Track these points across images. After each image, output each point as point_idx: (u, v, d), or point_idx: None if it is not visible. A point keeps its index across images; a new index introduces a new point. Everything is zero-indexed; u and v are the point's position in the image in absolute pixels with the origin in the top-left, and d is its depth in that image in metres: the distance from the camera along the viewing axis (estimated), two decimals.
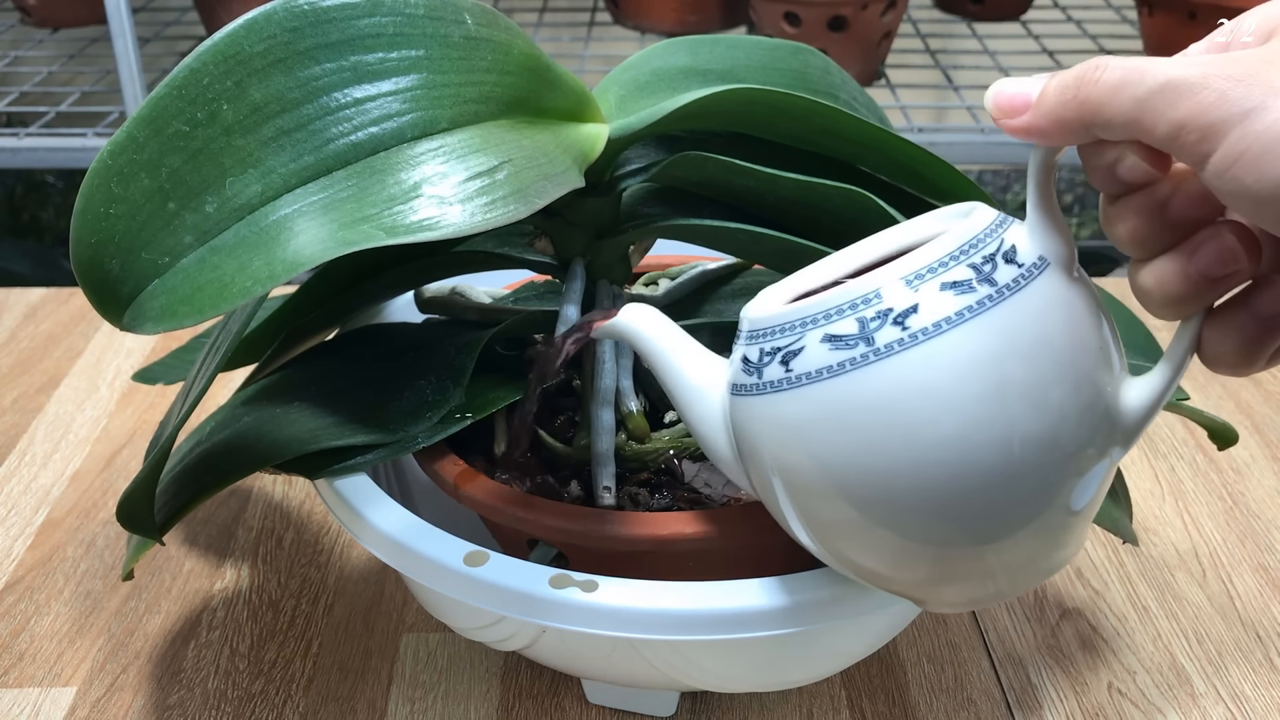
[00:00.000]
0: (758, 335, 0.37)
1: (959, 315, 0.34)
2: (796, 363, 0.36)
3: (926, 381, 0.34)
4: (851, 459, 0.35)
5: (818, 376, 0.35)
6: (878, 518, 0.36)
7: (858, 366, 0.34)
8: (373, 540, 0.44)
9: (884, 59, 1.24)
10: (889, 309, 0.34)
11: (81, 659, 0.55)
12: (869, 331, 0.34)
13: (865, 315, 0.35)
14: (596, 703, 0.52)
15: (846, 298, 0.35)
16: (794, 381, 0.36)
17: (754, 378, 0.37)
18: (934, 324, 0.34)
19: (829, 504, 0.36)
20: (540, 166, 0.39)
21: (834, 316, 0.35)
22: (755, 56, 0.50)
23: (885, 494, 0.35)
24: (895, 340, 0.34)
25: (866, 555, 0.37)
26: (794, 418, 0.36)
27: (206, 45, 0.38)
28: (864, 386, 0.34)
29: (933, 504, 0.35)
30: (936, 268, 0.35)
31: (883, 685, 0.53)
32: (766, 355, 0.37)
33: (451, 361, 0.49)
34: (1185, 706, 0.52)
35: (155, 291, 0.37)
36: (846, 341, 0.35)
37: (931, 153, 0.48)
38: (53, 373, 0.77)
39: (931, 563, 0.37)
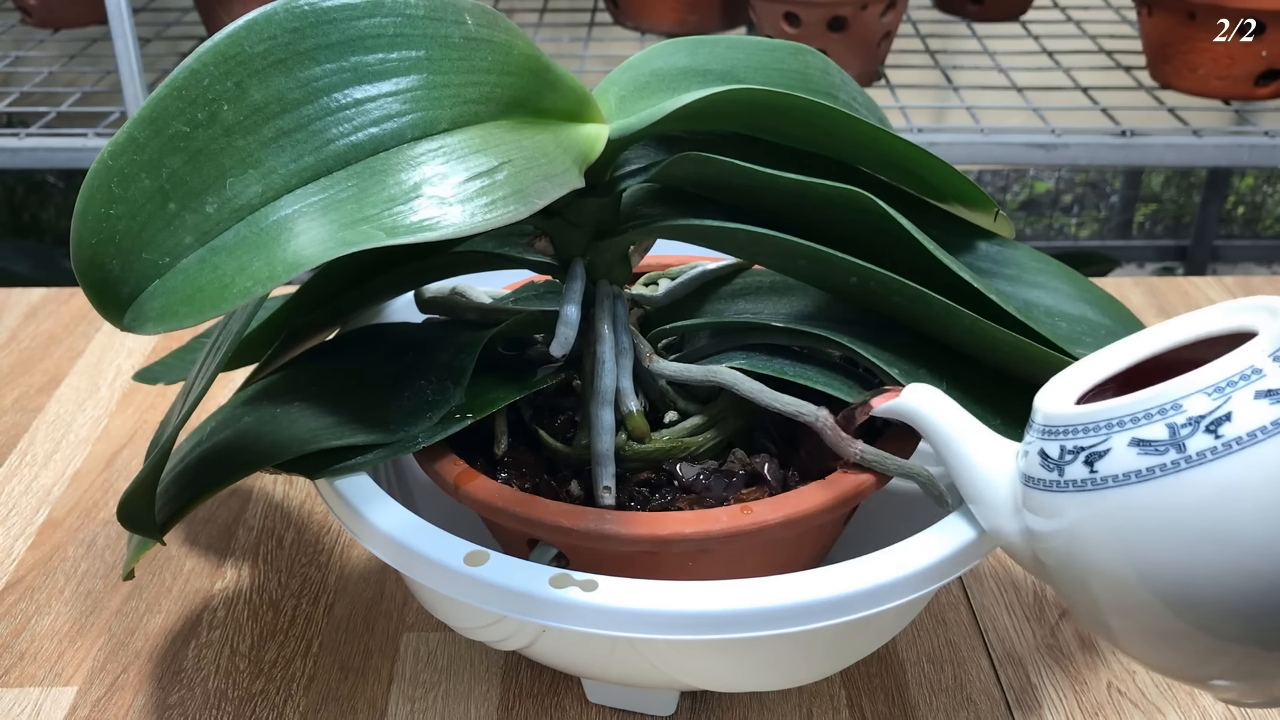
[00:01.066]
0: (1058, 431, 0.37)
1: (1275, 425, 0.33)
2: (1102, 465, 0.36)
3: (1240, 491, 0.34)
4: (1157, 560, 0.35)
5: (1124, 480, 0.35)
6: (1177, 615, 0.36)
7: (1168, 474, 0.34)
8: (373, 540, 0.45)
9: (884, 59, 1.24)
10: (1201, 416, 0.34)
11: (82, 659, 0.55)
12: (1180, 439, 0.34)
13: (1176, 421, 0.34)
14: (596, 702, 0.52)
15: (1156, 402, 0.35)
16: (1099, 484, 0.36)
17: (1054, 474, 0.37)
18: (1249, 434, 0.34)
19: (1126, 599, 0.36)
20: (540, 167, 0.39)
21: (1142, 421, 0.35)
22: (755, 57, 0.50)
23: (1190, 595, 0.35)
24: (1208, 448, 0.34)
25: (1159, 648, 0.37)
26: (1098, 519, 0.36)
27: (207, 46, 0.38)
28: (1174, 493, 0.34)
29: (1240, 607, 0.35)
30: (1250, 375, 0.34)
31: (883, 685, 0.53)
32: (1068, 453, 0.37)
33: (451, 361, 0.49)
34: (1185, 706, 0.52)
35: (156, 292, 0.37)
36: (1156, 447, 0.35)
37: (931, 153, 0.48)
38: (53, 373, 0.78)
39: (1230, 660, 0.37)
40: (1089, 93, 1.28)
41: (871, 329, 0.48)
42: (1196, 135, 1.18)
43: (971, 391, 0.47)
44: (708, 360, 0.49)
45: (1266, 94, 1.14)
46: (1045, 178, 2.31)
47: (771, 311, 0.52)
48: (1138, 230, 2.28)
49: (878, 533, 0.48)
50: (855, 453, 0.45)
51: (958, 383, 0.47)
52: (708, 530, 0.44)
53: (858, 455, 0.45)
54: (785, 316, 0.51)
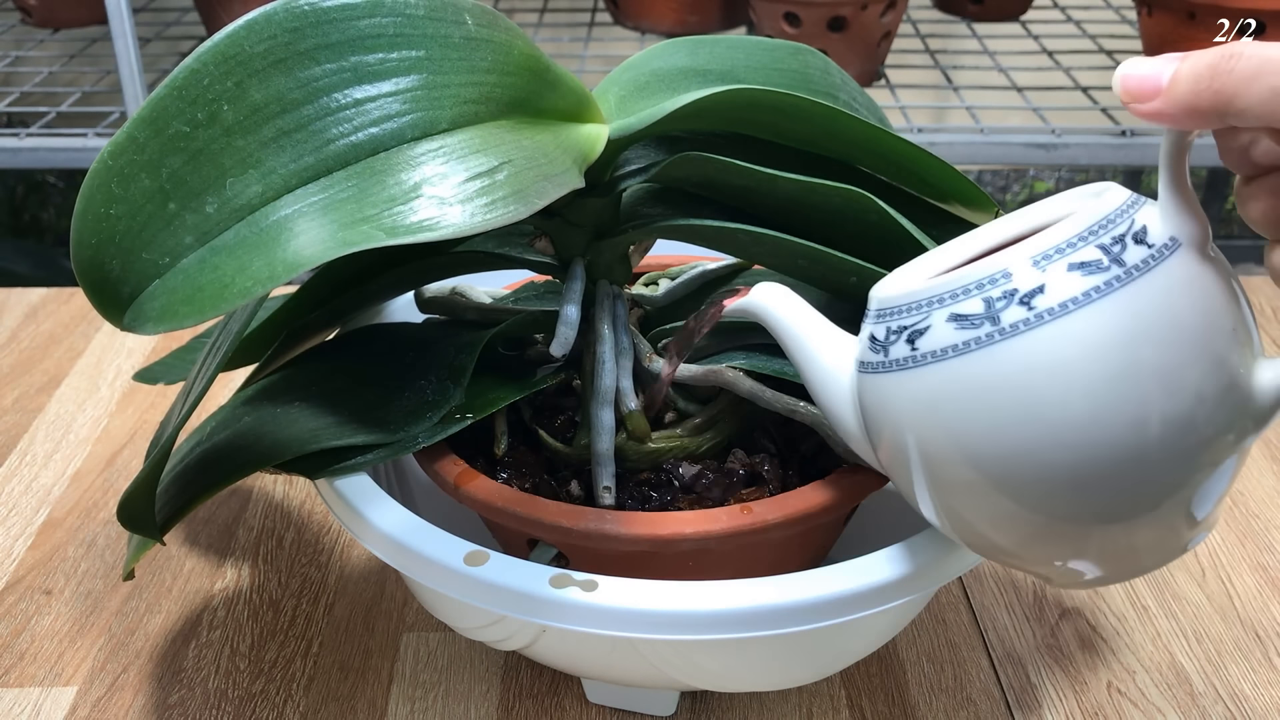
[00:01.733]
0: (885, 314, 0.38)
1: (1086, 296, 0.34)
2: (922, 341, 0.36)
3: (1053, 362, 0.34)
4: (976, 436, 0.35)
5: (943, 355, 0.35)
6: (1000, 490, 0.36)
7: (983, 346, 0.35)
8: (373, 540, 0.45)
9: (884, 59, 1.24)
10: (1015, 289, 0.35)
11: (82, 659, 0.55)
12: (995, 311, 0.35)
13: (991, 295, 0.35)
14: (596, 702, 0.52)
15: (973, 277, 0.35)
16: (920, 360, 0.36)
17: (880, 355, 0.38)
18: (1060, 304, 0.34)
19: (953, 479, 0.37)
20: (540, 167, 0.39)
21: (960, 296, 0.35)
22: (755, 57, 0.50)
23: (1010, 471, 0.35)
24: (1021, 320, 0.34)
25: (987, 529, 0.38)
26: (919, 396, 0.36)
27: (207, 46, 0.38)
28: (989, 366, 0.35)
29: (1059, 482, 0.35)
30: (1065, 248, 0.35)
31: (883, 685, 0.53)
32: (893, 334, 0.37)
33: (451, 361, 0.49)
34: (1184, 706, 0.52)
35: (156, 292, 0.37)
36: (972, 321, 0.35)
37: (931, 153, 0.48)
38: (53, 373, 0.78)
39: (1056, 540, 0.37)
40: (1089, 93, 1.28)
41: None
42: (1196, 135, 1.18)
43: None
44: (708, 360, 0.49)
45: None
46: (1045, 178, 2.30)
47: None
48: None
49: (878, 533, 0.48)
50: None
51: None
52: (708, 530, 0.44)
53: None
54: None
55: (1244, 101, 0.31)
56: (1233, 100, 0.31)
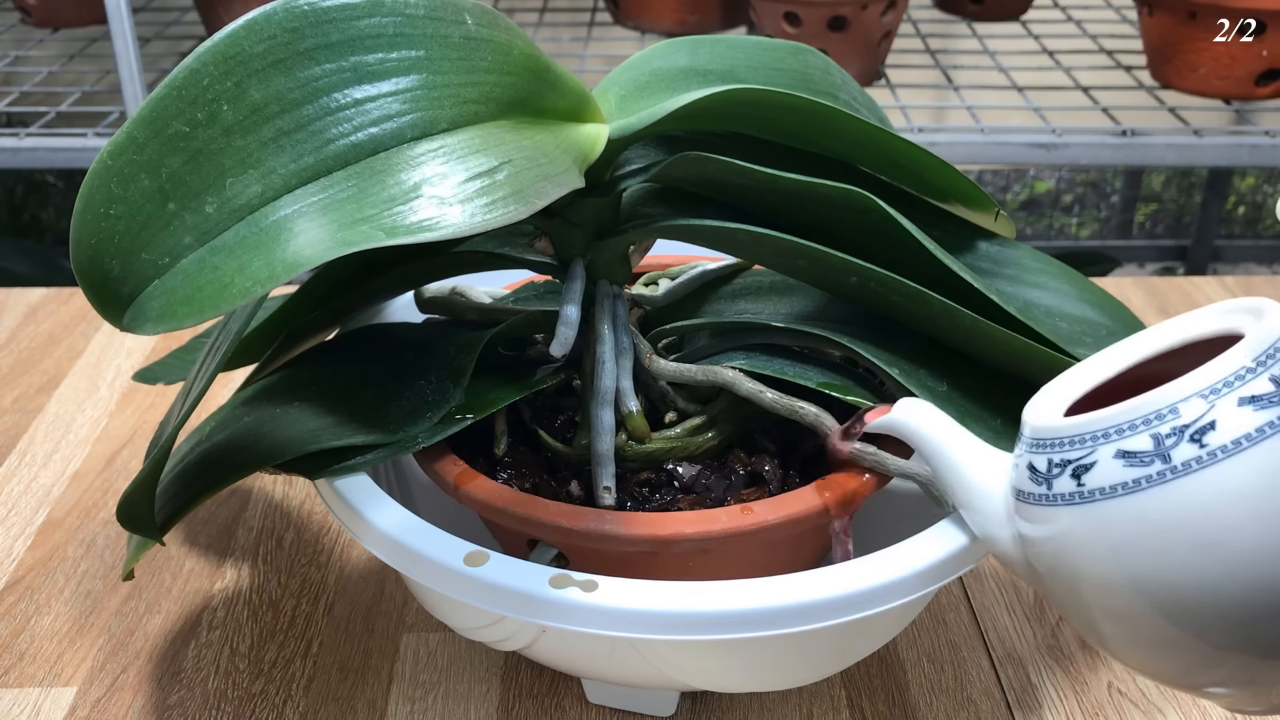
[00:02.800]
0: (1044, 445, 0.37)
1: (1260, 432, 0.33)
2: (1088, 478, 0.35)
3: (1226, 500, 0.33)
4: (1146, 570, 0.35)
5: (1111, 494, 0.35)
6: (1164, 625, 0.35)
7: (1154, 485, 0.34)
8: (373, 540, 0.45)
9: (884, 59, 1.24)
10: (1185, 425, 0.34)
11: (82, 659, 0.55)
12: (1165, 449, 0.34)
13: (1160, 432, 0.34)
14: (596, 703, 0.52)
15: (1139, 413, 0.35)
16: (1086, 497, 0.36)
17: (1042, 488, 0.37)
18: (1234, 441, 0.33)
19: (1118, 610, 0.36)
20: (540, 167, 0.39)
21: (1127, 432, 0.35)
22: (755, 56, 0.50)
23: (1180, 604, 0.35)
24: (1193, 459, 0.34)
25: (1153, 656, 0.37)
26: (1085, 532, 0.36)
27: (206, 46, 0.38)
28: (1161, 505, 0.34)
29: (1229, 616, 0.34)
30: (1233, 381, 0.34)
31: (883, 685, 0.53)
32: (1056, 467, 0.36)
33: (451, 361, 0.49)
34: (1185, 706, 0.52)
35: (155, 292, 0.37)
36: (1141, 459, 0.34)
37: (931, 153, 0.48)
38: (53, 373, 0.78)
39: (1226, 669, 0.36)
40: (1089, 92, 1.28)
41: (871, 329, 0.48)
42: (1197, 135, 1.18)
43: (972, 391, 0.47)
44: (708, 360, 0.49)
45: (1267, 94, 1.14)
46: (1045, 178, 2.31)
47: (771, 311, 0.52)
48: (1138, 230, 2.28)
49: (878, 533, 0.48)
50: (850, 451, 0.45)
51: (958, 383, 0.47)
52: (708, 530, 0.44)
53: (852, 453, 0.45)
54: (785, 316, 0.51)
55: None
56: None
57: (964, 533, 0.43)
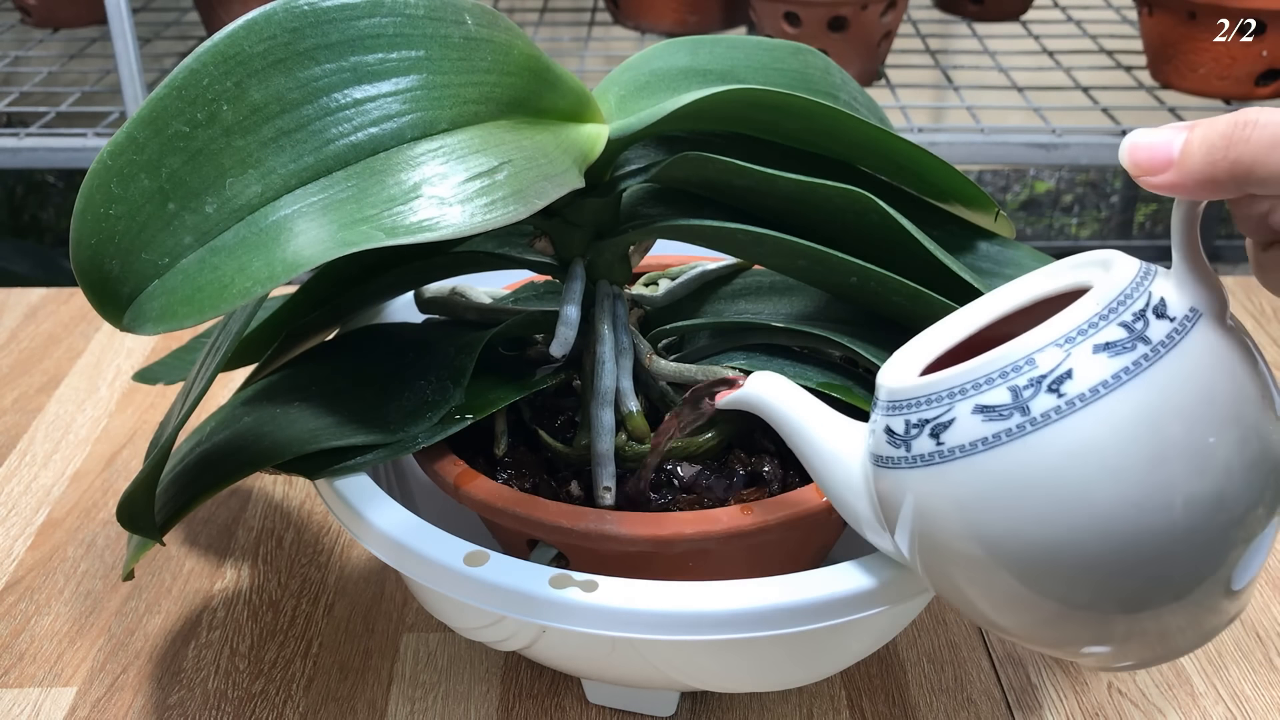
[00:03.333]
0: (900, 406, 0.36)
1: (1116, 378, 0.33)
2: (947, 435, 0.35)
3: (1088, 449, 0.33)
4: (1011, 530, 0.34)
5: (972, 449, 0.34)
6: (1036, 585, 0.35)
7: (1014, 438, 0.33)
8: (373, 540, 0.45)
9: (884, 59, 1.24)
10: (1042, 375, 0.33)
11: (82, 659, 0.55)
12: (1024, 400, 0.33)
13: (1018, 384, 0.33)
14: (596, 703, 0.52)
15: (996, 365, 0.34)
16: (946, 455, 0.35)
17: (901, 450, 0.36)
18: (1091, 389, 0.33)
19: (986, 572, 0.35)
20: (540, 167, 0.39)
21: (984, 386, 0.34)
22: (755, 57, 0.50)
23: (1046, 563, 0.34)
24: (1052, 408, 0.33)
25: (1023, 620, 0.37)
26: (949, 491, 0.35)
27: (206, 46, 0.38)
28: (1023, 457, 0.33)
29: (1096, 571, 0.34)
30: (1087, 329, 0.33)
31: (883, 685, 0.53)
32: (914, 427, 0.36)
33: (451, 361, 0.49)
34: (1185, 706, 0.52)
35: (155, 292, 0.37)
36: (1000, 412, 0.34)
37: (931, 153, 0.48)
38: (53, 373, 0.78)
39: (1091, 627, 0.36)
40: (1089, 92, 1.28)
41: (871, 329, 0.48)
42: None
43: None
44: (708, 360, 0.49)
45: (1266, 94, 1.14)
46: (1045, 178, 2.31)
47: (771, 311, 0.52)
48: (1138, 230, 2.28)
49: None
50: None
51: None
52: (708, 530, 0.44)
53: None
54: (785, 316, 0.51)
55: (1265, 170, 0.30)
56: (1253, 170, 0.30)
57: None
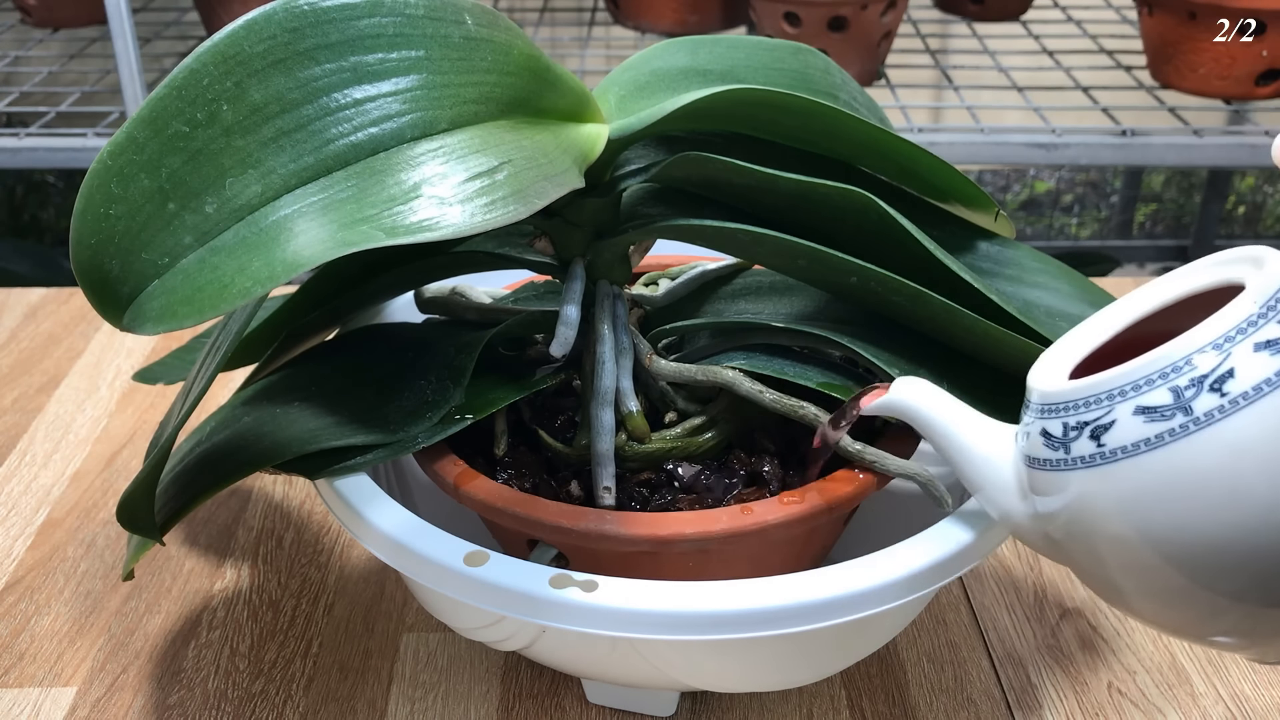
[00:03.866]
0: (1056, 409, 0.37)
1: (1279, 376, 0.33)
2: (1108, 437, 0.35)
3: (1252, 446, 0.33)
4: (1174, 527, 0.34)
5: (1134, 451, 0.35)
6: (1194, 579, 0.35)
7: (1178, 437, 0.34)
8: (373, 540, 0.45)
9: (884, 59, 1.24)
10: (1203, 375, 0.34)
11: (82, 659, 0.55)
12: (1186, 401, 0.34)
13: (1179, 384, 0.34)
14: (596, 703, 0.52)
15: (1155, 367, 0.34)
16: (1108, 456, 0.35)
17: (1059, 453, 0.37)
18: (1254, 387, 0.33)
19: (1145, 567, 0.36)
20: (540, 167, 0.39)
21: (1144, 387, 0.34)
22: (755, 57, 0.50)
23: (1207, 559, 0.34)
24: (1215, 408, 0.33)
25: (1176, 613, 0.37)
26: (1111, 491, 0.35)
27: (206, 46, 0.38)
28: (1186, 456, 0.34)
29: (1256, 566, 0.34)
30: (1246, 328, 0.34)
31: (883, 685, 0.53)
32: (1073, 430, 0.36)
33: (451, 361, 0.49)
34: (1185, 706, 0.52)
35: (155, 292, 0.37)
36: (1162, 412, 0.34)
37: (931, 153, 0.48)
38: (53, 373, 0.78)
39: (1243, 619, 0.36)
40: (1089, 92, 1.28)
41: (871, 329, 0.48)
42: (1197, 135, 1.18)
43: (973, 391, 0.47)
44: (708, 360, 0.49)
45: (1267, 94, 1.14)
46: (1045, 177, 2.31)
47: (771, 311, 0.52)
48: (1138, 230, 2.28)
49: (878, 533, 0.48)
50: (853, 449, 0.45)
51: (958, 382, 0.47)
52: (708, 530, 0.44)
53: (854, 451, 0.45)
54: (785, 316, 0.51)
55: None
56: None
57: (964, 532, 0.43)
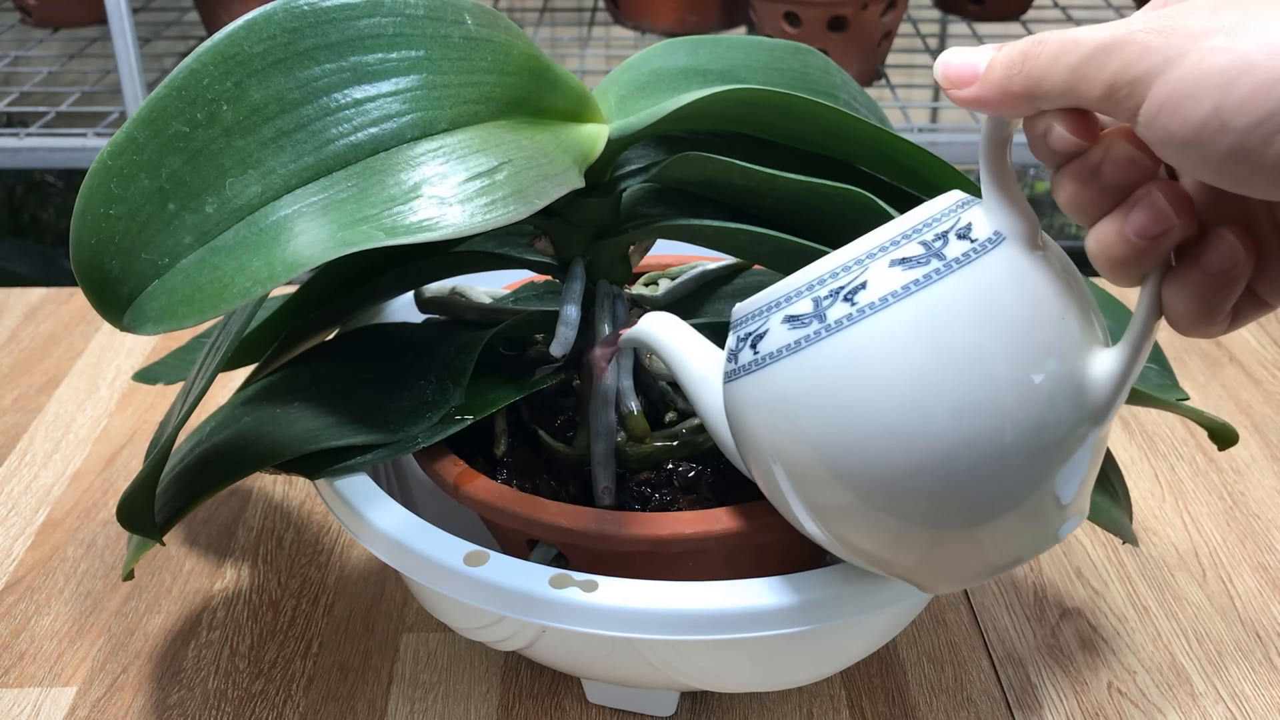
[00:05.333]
0: (738, 324, 0.39)
1: (904, 289, 0.35)
2: (762, 344, 0.37)
3: (875, 354, 0.35)
4: (816, 431, 0.36)
5: (778, 356, 0.37)
6: (846, 488, 0.36)
7: (811, 343, 0.36)
8: (373, 540, 0.45)
9: (884, 59, 1.24)
10: (840, 287, 0.36)
11: (82, 659, 0.55)
12: (822, 310, 0.36)
13: (819, 295, 0.36)
14: (596, 703, 0.52)
15: (804, 280, 0.37)
16: (760, 363, 0.37)
17: (732, 364, 0.39)
18: (880, 298, 0.35)
19: (808, 480, 0.37)
20: (540, 167, 0.39)
21: (794, 298, 0.37)
22: (755, 56, 0.50)
23: (850, 465, 0.36)
24: (845, 316, 0.36)
25: (851, 530, 0.38)
26: (762, 397, 0.37)
27: (206, 46, 0.38)
28: (817, 361, 0.36)
29: (894, 475, 0.35)
30: (888, 246, 0.36)
31: (883, 685, 0.53)
32: (741, 341, 0.38)
33: (451, 361, 0.49)
34: (1185, 706, 0.52)
35: (155, 292, 0.37)
36: (802, 320, 0.36)
37: (931, 153, 0.48)
38: (53, 373, 0.78)
39: (914, 542, 0.37)
40: None
41: None
42: None
43: None
44: None
45: None
46: (1046, 177, 2.30)
47: None
48: None
49: None
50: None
51: None
52: (708, 530, 0.44)
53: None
54: None
55: (1049, 83, 0.32)
56: (1039, 82, 0.32)
57: None
